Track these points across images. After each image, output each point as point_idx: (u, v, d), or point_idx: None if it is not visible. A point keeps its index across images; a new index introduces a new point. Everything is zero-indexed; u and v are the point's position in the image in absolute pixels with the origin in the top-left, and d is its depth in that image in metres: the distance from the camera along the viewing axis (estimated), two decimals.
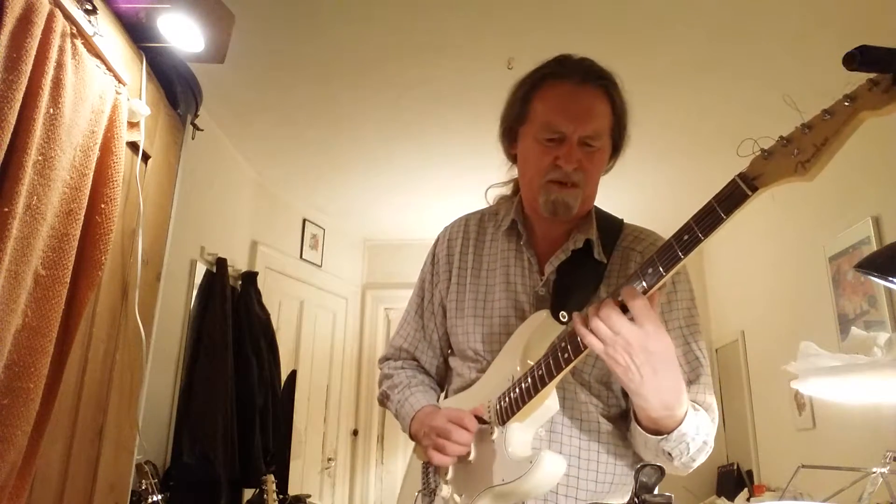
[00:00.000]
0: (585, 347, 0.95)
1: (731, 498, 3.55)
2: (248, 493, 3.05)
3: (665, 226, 0.96)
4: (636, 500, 0.87)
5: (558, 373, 1.00)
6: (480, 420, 1.11)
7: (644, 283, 0.90)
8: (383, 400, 1.33)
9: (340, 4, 2.34)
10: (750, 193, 0.81)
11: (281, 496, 2.96)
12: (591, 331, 0.91)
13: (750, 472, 3.71)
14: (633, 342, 0.89)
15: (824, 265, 2.87)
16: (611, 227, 1.23)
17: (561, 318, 1.10)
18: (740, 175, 0.83)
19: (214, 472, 2.66)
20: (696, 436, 1.00)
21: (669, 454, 1.00)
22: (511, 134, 1.25)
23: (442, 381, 1.36)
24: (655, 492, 0.88)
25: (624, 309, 0.91)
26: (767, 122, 3.49)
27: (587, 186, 1.15)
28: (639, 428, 1.02)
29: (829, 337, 2.79)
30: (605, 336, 0.90)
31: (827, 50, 2.59)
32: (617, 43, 2.50)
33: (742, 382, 3.83)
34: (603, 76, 1.18)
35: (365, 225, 4.62)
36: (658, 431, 0.99)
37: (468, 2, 2.32)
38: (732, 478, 3.79)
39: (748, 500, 3.36)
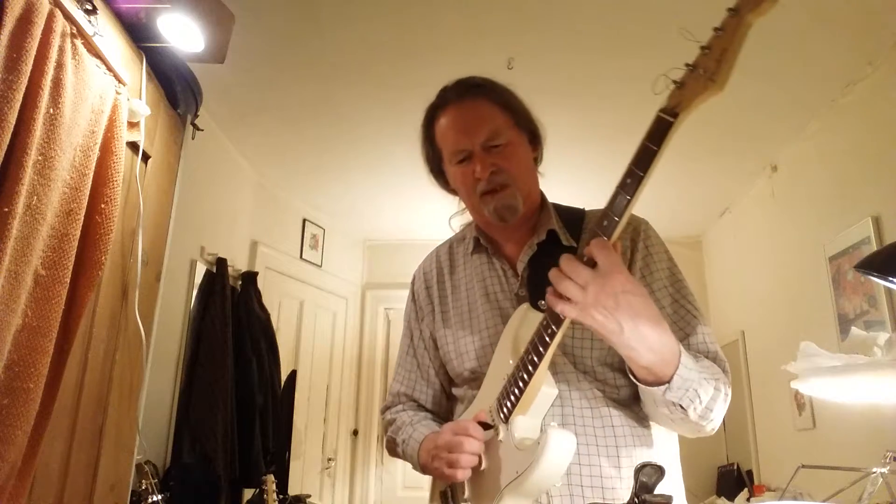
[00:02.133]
0: (565, 316, 0.95)
1: (731, 498, 3.55)
2: (248, 493, 3.05)
3: (666, 225, 0.96)
4: (636, 500, 0.87)
5: (545, 350, 0.99)
6: (485, 425, 1.09)
7: (603, 237, 0.91)
8: (391, 447, 1.32)
9: (340, 4, 2.34)
10: (672, 120, 0.86)
11: (281, 496, 2.96)
12: (561, 294, 0.91)
13: (750, 472, 3.71)
14: (600, 290, 0.89)
15: (824, 265, 2.87)
16: (573, 216, 1.24)
17: (540, 306, 1.09)
18: (661, 109, 0.87)
19: (214, 472, 2.66)
20: (703, 381, 0.98)
21: (681, 406, 0.98)
22: (439, 174, 1.31)
23: (447, 415, 1.34)
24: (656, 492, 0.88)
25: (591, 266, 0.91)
26: (770, 121, 3.48)
27: (518, 181, 1.17)
28: (641, 386, 1.00)
29: (829, 337, 2.79)
30: (573, 295, 0.90)
31: (828, 48, 2.60)
32: (617, 43, 2.50)
33: (742, 382, 3.83)
34: (476, 84, 1.24)
35: (365, 225, 4.62)
36: (659, 382, 0.97)
37: (468, 2, 2.32)
38: (732, 478, 3.80)
39: (748, 500, 3.37)
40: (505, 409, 1.08)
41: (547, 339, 0.98)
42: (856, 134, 2.73)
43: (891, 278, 1.23)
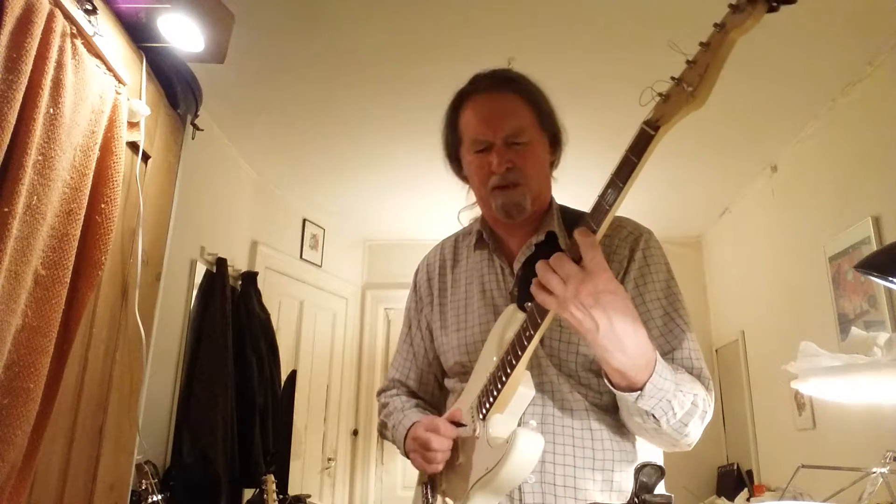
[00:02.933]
0: (542, 318, 0.96)
1: (731, 498, 3.55)
2: (248, 493, 3.05)
3: (666, 225, 0.96)
4: (636, 500, 0.87)
5: (523, 352, 1.01)
6: (458, 423, 1.12)
7: (593, 236, 0.92)
8: (382, 430, 1.35)
9: (340, 4, 2.34)
10: (653, 133, 0.87)
11: (281, 496, 2.96)
12: (542, 282, 0.92)
13: (750, 472, 3.71)
14: (581, 286, 0.90)
15: (824, 265, 2.87)
16: (575, 219, 1.24)
17: (526, 308, 1.10)
18: (644, 122, 0.88)
19: (214, 472, 2.66)
20: (678, 394, 0.98)
21: (653, 416, 0.98)
22: (454, 159, 1.31)
23: (440, 404, 1.37)
24: (656, 492, 0.88)
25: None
26: (770, 121, 3.47)
27: (530, 182, 1.18)
28: (615, 391, 0.99)
29: (829, 337, 2.79)
30: (554, 287, 0.91)
31: (828, 48, 2.59)
32: (618, 42, 2.50)
33: (742, 382, 3.83)
34: (510, 78, 1.24)
35: (365, 225, 4.62)
36: (632, 388, 0.97)
37: (468, 1, 2.32)
38: (732, 478, 3.80)
39: (748, 500, 3.37)
40: (484, 407, 1.10)
41: (525, 341, 1.01)
42: (856, 134, 2.73)
43: (891, 278, 1.23)
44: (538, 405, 1.12)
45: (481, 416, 1.10)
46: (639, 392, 0.96)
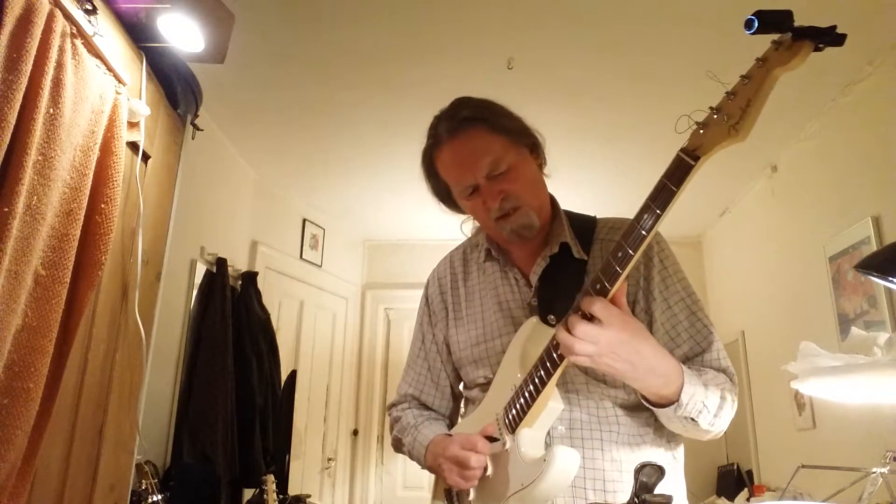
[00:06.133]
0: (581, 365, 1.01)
1: (731, 498, 3.55)
2: (248, 493, 3.05)
3: (666, 225, 0.97)
4: (636, 500, 0.87)
5: (554, 370, 1.03)
6: (491, 438, 1.13)
7: (618, 268, 0.93)
8: (397, 445, 1.35)
9: (340, 4, 2.34)
10: (693, 163, 0.87)
11: (281, 496, 2.96)
12: (576, 352, 0.96)
13: (750, 472, 3.71)
14: (611, 341, 0.95)
15: (824, 265, 2.87)
16: (585, 226, 1.26)
17: (549, 321, 1.14)
18: (682, 150, 0.88)
19: (214, 472, 2.66)
20: (709, 393, 1.04)
21: (692, 419, 1.03)
22: (452, 202, 1.31)
23: (453, 415, 1.38)
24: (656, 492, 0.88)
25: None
26: (770, 121, 3.48)
27: (528, 200, 1.19)
28: (657, 409, 1.06)
29: (829, 337, 2.79)
30: (587, 351, 0.95)
31: (830, 48, 2.59)
32: (618, 43, 2.50)
33: (742, 382, 3.83)
34: (465, 118, 1.21)
35: (365, 225, 4.62)
36: (669, 402, 1.02)
37: (468, 2, 2.32)
38: (732, 478, 3.80)
39: (748, 500, 3.37)
40: (512, 420, 1.11)
41: (557, 359, 1.02)
42: (856, 134, 2.73)
43: (891, 278, 1.23)
44: (565, 410, 1.13)
45: (508, 428, 1.11)
46: (676, 403, 1.01)
